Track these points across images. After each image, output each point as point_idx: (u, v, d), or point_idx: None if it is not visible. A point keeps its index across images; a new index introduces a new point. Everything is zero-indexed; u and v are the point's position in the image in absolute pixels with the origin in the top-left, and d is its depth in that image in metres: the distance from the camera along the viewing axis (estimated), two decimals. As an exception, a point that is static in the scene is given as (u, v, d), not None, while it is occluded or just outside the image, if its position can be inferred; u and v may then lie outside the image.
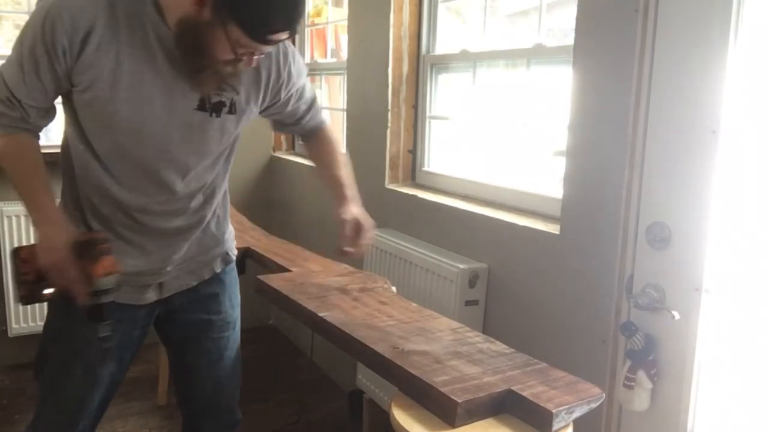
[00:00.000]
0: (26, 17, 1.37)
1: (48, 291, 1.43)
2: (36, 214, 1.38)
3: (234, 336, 1.76)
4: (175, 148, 1.46)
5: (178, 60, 1.34)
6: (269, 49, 1.34)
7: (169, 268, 1.58)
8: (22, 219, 3.25)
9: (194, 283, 1.66)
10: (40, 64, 1.32)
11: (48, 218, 1.38)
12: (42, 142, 1.53)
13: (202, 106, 1.43)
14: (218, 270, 1.70)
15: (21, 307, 3.33)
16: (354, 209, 1.64)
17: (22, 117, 1.38)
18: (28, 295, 1.42)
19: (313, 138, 1.80)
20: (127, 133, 1.41)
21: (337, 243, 1.61)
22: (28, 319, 3.35)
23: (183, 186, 1.51)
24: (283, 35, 1.27)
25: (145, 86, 1.36)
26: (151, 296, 1.60)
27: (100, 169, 1.46)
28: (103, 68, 1.32)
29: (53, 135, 3.57)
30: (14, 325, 3.34)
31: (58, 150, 1.58)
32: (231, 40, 1.25)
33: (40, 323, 3.32)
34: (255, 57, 1.33)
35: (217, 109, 1.45)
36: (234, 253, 1.76)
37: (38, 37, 1.30)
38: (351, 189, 1.69)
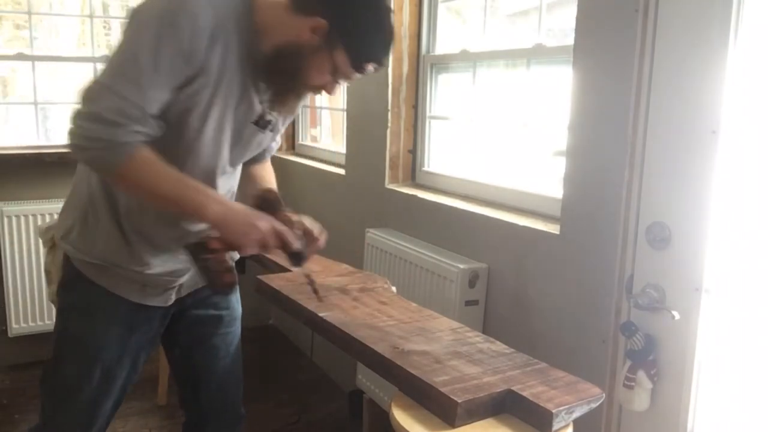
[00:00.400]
0: (26, 17, 1.35)
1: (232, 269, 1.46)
2: (215, 204, 1.34)
3: (237, 331, 1.80)
4: (228, 155, 1.51)
5: (264, 78, 1.40)
6: (357, 78, 1.41)
7: (191, 269, 1.61)
8: (22, 219, 3.25)
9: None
10: (173, 68, 1.28)
11: (224, 204, 1.36)
12: (42, 141, 1.53)
13: (257, 121, 1.49)
14: None
15: (21, 307, 3.33)
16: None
17: (147, 130, 1.30)
18: (234, 280, 1.46)
19: (259, 162, 1.77)
20: (193, 137, 1.40)
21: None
22: (28, 319, 3.35)
23: (219, 189, 1.55)
24: (375, 67, 1.38)
25: (230, 95, 1.39)
26: (172, 297, 1.62)
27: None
28: (212, 68, 1.33)
29: (53, 135, 3.58)
30: (14, 325, 3.34)
31: (60, 150, 1.58)
32: (333, 65, 1.34)
33: (40, 323, 3.36)
34: (338, 85, 1.42)
35: (264, 125, 1.51)
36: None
37: (174, 39, 1.26)
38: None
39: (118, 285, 1.52)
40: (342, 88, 3.25)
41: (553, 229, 1.96)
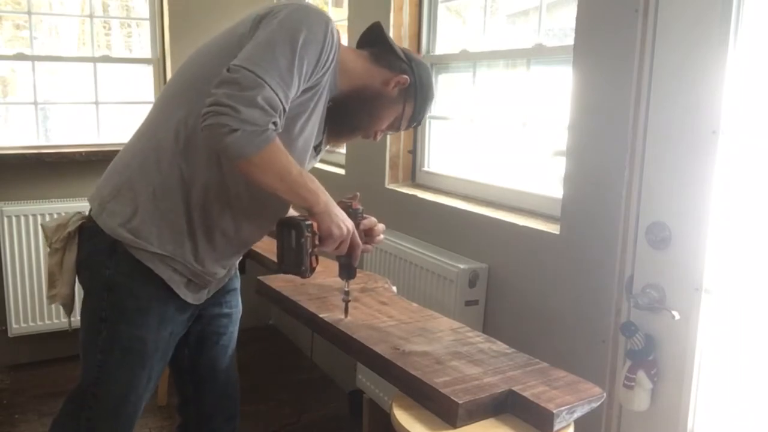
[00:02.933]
0: (26, 17, 1.35)
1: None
2: (322, 201, 1.41)
3: (236, 333, 1.86)
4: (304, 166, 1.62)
5: (339, 114, 1.54)
6: (404, 130, 1.66)
7: (225, 270, 1.65)
8: (22, 219, 3.25)
9: (226, 280, 1.73)
10: (314, 72, 1.38)
11: (329, 198, 1.44)
12: (42, 141, 1.51)
13: (316, 146, 1.59)
14: (236, 268, 1.79)
15: (21, 307, 3.33)
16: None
17: (281, 126, 1.37)
18: (316, 266, 1.50)
19: None
20: (290, 145, 1.45)
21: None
22: (28, 319, 3.35)
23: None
24: (420, 122, 1.65)
25: (318, 114, 1.49)
26: (204, 296, 1.63)
27: (244, 186, 1.48)
28: (320, 88, 1.44)
29: (53, 135, 3.58)
30: (14, 325, 3.34)
31: (60, 150, 1.55)
32: (399, 117, 1.58)
33: (40, 323, 3.36)
34: (389, 133, 1.65)
35: (318, 149, 1.62)
36: None
37: (324, 44, 1.37)
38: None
39: (173, 278, 1.50)
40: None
41: (553, 229, 1.96)
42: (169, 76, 3.60)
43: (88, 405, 1.52)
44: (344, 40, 3.24)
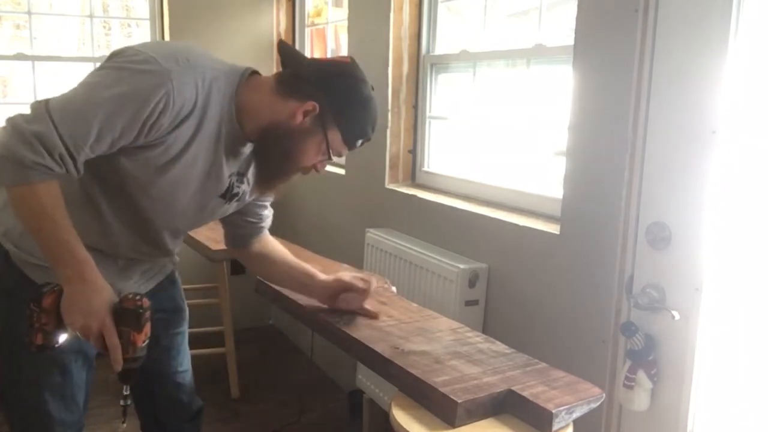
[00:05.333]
0: (26, 17, 1.35)
1: (63, 339, 1.36)
2: (71, 270, 1.29)
3: (186, 328, 1.81)
4: (183, 222, 1.56)
5: (258, 158, 1.44)
6: (346, 153, 1.46)
7: (133, 280, 1.61)
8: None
9: (152, 286, 1.68)
10: (128, 129, 1.27)
11: (88, 277, 1.30)
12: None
13: (224, 195, 1.51)
14: (168, 272, 1.75)
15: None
16: (327, 276, 1.70)
17: (66, 170, 1.27)
18: (45, 344, 1.34)
19: (261, 240, 1.76)
20: (150, 197, 1.42)
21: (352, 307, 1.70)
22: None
23: (171, 242, 1.60)
24: (364, 141, 1.45)
25: (195, 170, 1.40)
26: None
27: (105, 204, 1.44)
28: (176, 144, 1.34)
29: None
30: (14, 325, 3.33)
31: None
32: (326, 145, 1.39)
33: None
34: (327, 161, 1.46)
35: (232, 197, 1.54)
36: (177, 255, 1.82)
37: (143, 111, 1.26)
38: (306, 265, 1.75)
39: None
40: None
41: (553, 229, 1.96)
42: (169, 76, 3.60)
43: (2, 406, 1.57)
44: (344, 40, 3.25)
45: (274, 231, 1.79)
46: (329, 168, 3.35)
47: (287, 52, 1.43)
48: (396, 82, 2.73)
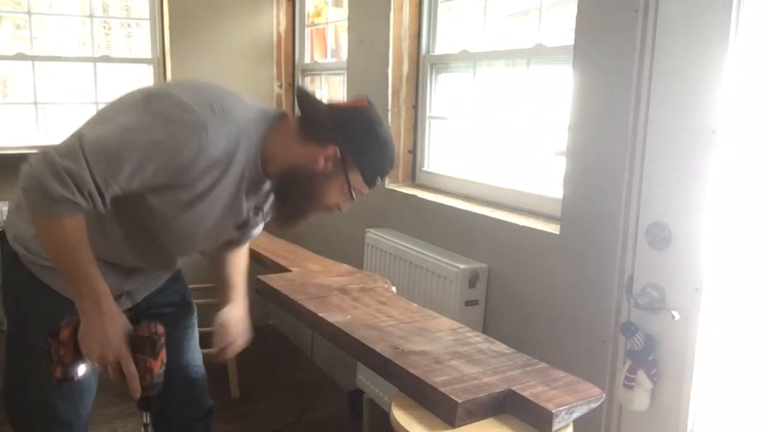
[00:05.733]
0: (26, 17, 1.35)
1: (82, 371, 1.40)
2: (89, 300, 1.34)
3: (196, 324, 1.85)
4: (194, 248, 1.63)
5: (280, 198, 1.48)
6: (367, 191, 1.50)
7: (139, 281, 1.65)
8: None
9: (160, 284, 1.73)
10: (158, 174, 1.31)
11: (104, 308, 1.34)
12: (42, 141, 1.51)
13: (239, 225, 1.55)
14: (175, 270, 1.79)
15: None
16: (237, 314, 1.70)
17: (94, 206, 1.31)
18: (64, 377, 1.38)
19: (238, 246, 1.80)
20: (167, 229, 1.46)
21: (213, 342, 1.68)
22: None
23: (179, 261, 1.68)
24: (384, 177, 1.52)
25: (216, 207, 1.45)
26: (126, 304, 1.63)
27: (117, 228, 1.46)
28: (202, 185, 1.38)
29: (53, 135, 3.58)
30: (14, 325, 3.33)
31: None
32: (348, 185, 1.44)
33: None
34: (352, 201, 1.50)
35: (243, 226, 1.58)
36: None
37: (177, 160, 1.30)
38: (243, 293, 1.75)
39: (66, 290, 1.49)
40: (342, 88, 3.26)
41: (553, 229, 1.96)
42: (169, 75, 3.61)
43: (11, 405, 1.60)
44: (344, 41, 3.25)
45: (275, 229, 1.80)
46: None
47: (305, 98, 1.47)
48: (396, 82, 2.73)
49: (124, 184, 1.30)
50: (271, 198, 1.55)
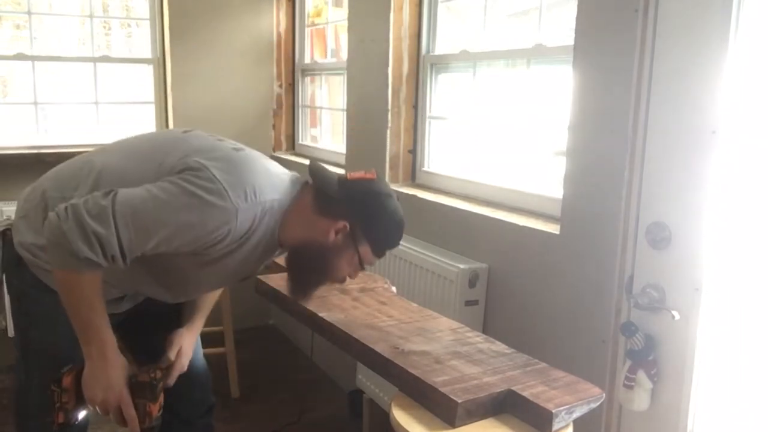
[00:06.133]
0: (26, 17, 1.36)
1: (82, 416, 1.45)
2: (95, 347, 1.39)
3: None
4: (196, 291, 1.66)
5: (293, 269, 1.52)
6: (376, 261, 1.55)
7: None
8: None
9: None
10: (183, 247, 1.36)
11: (108, 355, 1.40)
12: (42, 141, 1.52)
13: (243, 279, 1.60)
14: None
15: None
16: (191, 341, 1.71)
17: (115, 264, 1.34)
18: (66, 422, 1.42)
19: None
20: (175, 278, 1.52)
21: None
22: (28, 319, 3.34)
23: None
24: (393, 249, 1.55)
25: (224, 269, 1.48)
26: (127, 304, 1.65)
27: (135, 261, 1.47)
28: (219, 254, 1.42)
29: (53, 135, 3.58)
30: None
31: (59, 150, 1.56)
32: (358, 257, 1.48)
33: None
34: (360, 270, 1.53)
35: (247, 279, 1.63)
36: None
37: (202, 241, 1.35)
38: (202, 320, 1.76)
39: None
40: (342, 88, 3.26)
41: (553, 229, 1.96)
42: (169, 75, 3.61)
43: (16, 407, 1.63)
44: (344, 41, 3.25)
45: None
46: (329, 168, 3.35)
47: (318, 172, 1.50)
48: (396, 82, 2.73)
49: (149, 251, 1.35)
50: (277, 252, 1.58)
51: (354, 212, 1.44)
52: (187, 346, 1.66)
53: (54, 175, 1.57)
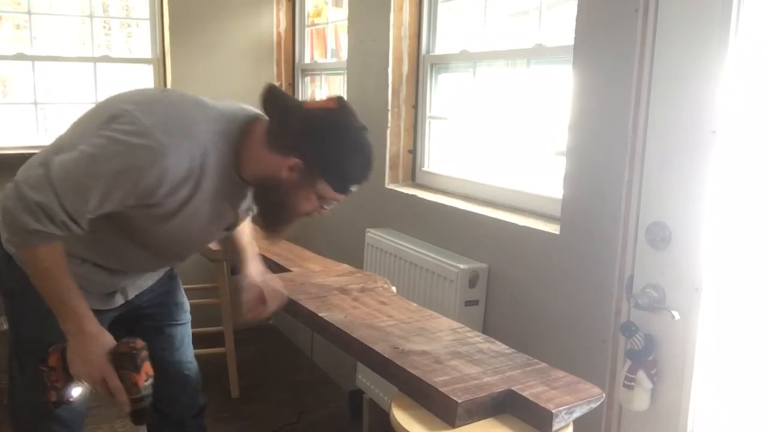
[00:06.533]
0: (26, 17, 1.36)
1: (77, 393, 1.44)
2: (72, 323, 1.37)
3: (189, 323, 1.87)
4: (185, 249, 1.62)
5: (259, 211, 1.48)
6: (343, 198, 1.44)
7: (132, 279, 1.66)
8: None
9: (152, 283, 1.75)
10: (126, 198, 1.33)
11: (86, 329, 1.38)
12: (42, 141, 1.51)
13: (228, 227, 1.58)
14: (168, 269, 1.81)
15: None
16: (256, 273, 1.73)
17: (69, 231, 1.33)
18: (59, 401, 1.43)
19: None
20: (150, 236, 1.48)
21: (240, 308, 1.72)
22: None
23: (176, 262, 1.71)
24: (359, 185, 1.41)
25: (198, 219, 1.45)
26: (119, 300, 1.66)
27: (106, 231, 1.46)
28: (174, 203, 1.38)
29: (52, 135, 3.58)
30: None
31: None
32: (318, 194, 1.39)
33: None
34: (329, 206, 1.45)
35: (230, 228, 1.62)
36: None
37: (139, 187, 1.31)
38: (254, 254, 1.77)
39: None
40: (342, 88, 3.26)
41: (553, 229, 1.96)
42: (169, 75, 3.61)
43: (12, 405, 1.64)
44: (344, 41, 3.25)
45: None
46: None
47: (272, 100, 1.38)
48: (396, 82, 2.73)
49: (95, 210, 1.32)
50: None
51: (309, 147, 1.33)
52: (256, 281, 1.71)
53: (26, 163, 1.55)
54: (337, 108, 1.35)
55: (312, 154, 1.33)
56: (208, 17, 3.59)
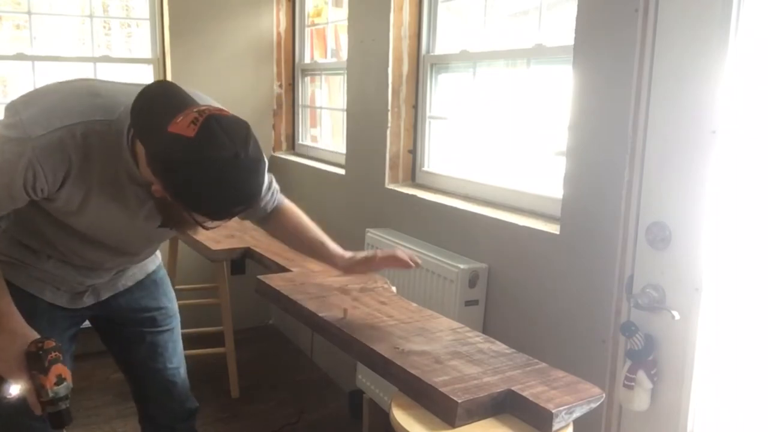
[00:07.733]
0: (26, 17, 1.35)
1: (16, 390, 1.39)
2: None
3: (177, 327, 1.84)
4: (132, 245, 1.58)
5: (155, 205, 1.36)
6: (218, 224, 1.32)
7: (104, 279, 1.64)
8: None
9: (130, 284, 1.72)
10: (17, 198, 1.32)
11: (7, 326, 1.36)
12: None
13: (164, 224, 1.46)
14: (150, 271, 1.78)
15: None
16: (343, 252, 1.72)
17: None
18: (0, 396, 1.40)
19: (277, 215, 1.75)
20: (79, 230, 1.45)
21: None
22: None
23: (128, 258, 1.64)
24: (243, 208, 1.24)
25: (110, 213, 1.40)
26: (89, 300, 1.64)
27: (46, 226, 1.45)
28: (74, 197, 1.35)
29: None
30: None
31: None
32: (197, 220, 1.28)
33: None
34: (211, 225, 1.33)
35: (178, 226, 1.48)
36: (159, 254, 1.83)
37: (17, 181, 1.27)
38: (327, 240, 1.75)
39: (30, 283, 1.54)
40: (342, 88, 3.26)
41: (553, 229, 1.96)
42: (169, 75, 3.61)
43: None
44: (344, 41, 3.24)
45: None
46: (329, 168, 3.35)
47: (140, 105, 1.22)
48: (396, 82, 2.73)
49: (6, 208, 1.33)
50: None
51: (161, 176, 1.19)
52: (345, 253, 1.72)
53: None
54: (195, 138, 1.14)
55: (166, 184, 1.20)
56: (208, 17, 3.59)
